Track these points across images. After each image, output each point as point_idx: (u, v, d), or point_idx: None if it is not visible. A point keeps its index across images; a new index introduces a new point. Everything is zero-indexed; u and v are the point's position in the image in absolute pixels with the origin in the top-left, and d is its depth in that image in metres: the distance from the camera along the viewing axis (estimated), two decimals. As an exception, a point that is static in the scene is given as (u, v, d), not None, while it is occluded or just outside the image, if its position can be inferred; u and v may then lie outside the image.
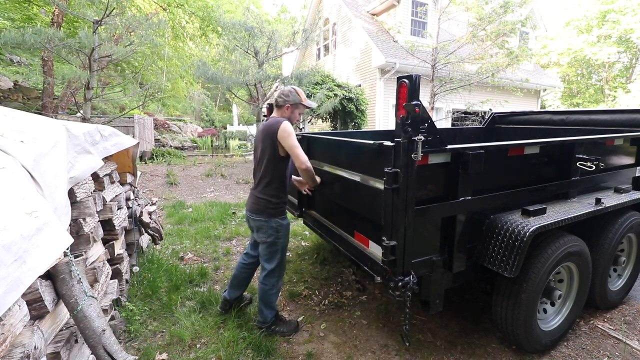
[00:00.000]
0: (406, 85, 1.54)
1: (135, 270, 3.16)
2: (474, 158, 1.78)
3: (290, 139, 2.15)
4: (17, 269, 0.99)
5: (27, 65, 10.40)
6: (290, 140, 2.15)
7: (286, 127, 2.16)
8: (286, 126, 2.16)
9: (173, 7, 12.55)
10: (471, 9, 9.06)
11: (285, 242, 2.41)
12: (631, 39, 19.52)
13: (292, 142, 2.16)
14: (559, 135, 3.83)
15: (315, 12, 14.74)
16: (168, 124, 14.57)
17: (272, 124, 2.20)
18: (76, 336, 1.75)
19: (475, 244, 2.05)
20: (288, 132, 2.14)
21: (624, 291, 2.88)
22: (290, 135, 2.15)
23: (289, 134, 2.15)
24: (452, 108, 11.94)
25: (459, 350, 2.32)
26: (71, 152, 1.82)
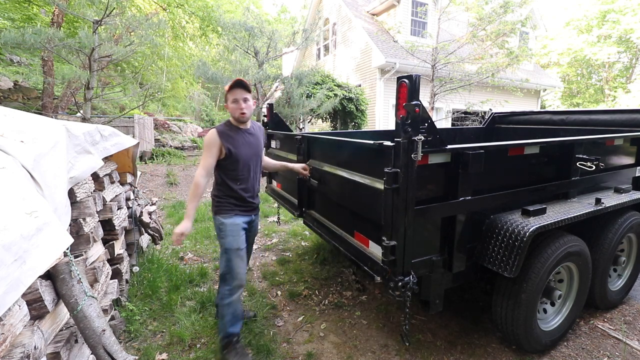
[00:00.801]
0: (406, 85, 1.54)
1: (135, 270, 3.16)
2: (474, 158, 1.78)
3: (203, 149, 2.14)
4: (17, 269, 0.99)
5: (27, 65, 10.39)
6: (203, 150, 2.14)
7: (207, 135, 2.12)
8: (207, 135, 2.13)
9: (173, 7, 12.55)
10: (471, 9, 9.06)
11: (231, 243, 2.16)
12: (631, 39, 19.52)
13: (203, 152, 2.13)
14: (559, 135, 3.83)
15: (315, 12, 14.74)
16: (168, 124, 14.56)
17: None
18: (76, 336, 1.75)
19: (475, 244, 2.05)
20: (205, 140, 2.11)
21: (624, 291, 2.88)
22: (205, 145, 2.11)
23: (205, 144, 2.11)
24: (452, 108, 11.93)
25: (459, 350, 2.32)
26: (71, 152, 1.82)
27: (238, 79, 2.07)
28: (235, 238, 2.17)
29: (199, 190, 2.07)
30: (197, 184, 2.06)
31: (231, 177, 2.18)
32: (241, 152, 2.16)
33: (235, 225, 2.18)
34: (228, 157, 2.11)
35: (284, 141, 3.38)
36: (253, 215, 2.34)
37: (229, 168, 2.16)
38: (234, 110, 2.13)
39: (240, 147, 2.16)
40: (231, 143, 2.12)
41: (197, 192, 2.07)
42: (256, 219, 2.42)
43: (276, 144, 3.56)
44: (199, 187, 2.06)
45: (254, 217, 2.36)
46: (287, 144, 3.29)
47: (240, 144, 2.17)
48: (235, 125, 2.20)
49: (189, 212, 2.07)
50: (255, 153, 2.28)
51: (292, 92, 8.58)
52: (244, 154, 2.18)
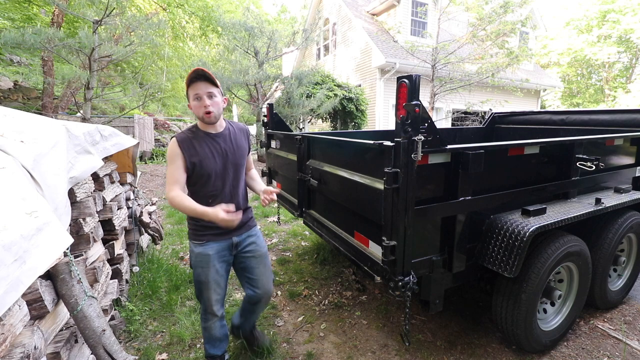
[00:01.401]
0: (406, 85, 1.54)
1: (135, 270, 3.16)
2: (474, 158, 1.78)
3: (167, 163, 1.73)
4: (17, 269, 0.99)
5: (27, 65, 10.39)
6: (167, 164, 1.73)
7: (169, 147, 1.73)
8: (169, 146, 1.73)
9: (173, 7, 12.55)
10: (471, 9, 9.06)
11: (199, 275, 1.84)
12: (631, 39, 19.53)
13: (167, 167, 1.73)
14: (559, 135, 3.83)
15: (315, 12, 14.74)
16: (168, 124, 14.57)
17: None
18: (76, 336, 1.75)
19: (475, 244, 2.05)
20: (167, 153, 1.73)
21: (624, 291, 2.88)
22: (167, 158, 1.73)
23: (167, 156, 1.73)
24: (452, 108, 11.94)
25: (459, 350, 2.32)
26: (71, 152, 1.82)
27: (198, 68, 1.65)
28: (204, 270, 1.82)
29: (181, 198, 1.67)
30: (172, 197, 1.67)
31: (201, 194, 1.77)
32: (209, 165, 1.74)
33: (204, 256, 1.81)
34: (193, 171, 1.72)
35: (284, 141, 3.38)
36: (235, 237, 1.89)
37: (197, 183, 1.77)
38: (197, 109, 1.69)
39: (207, 159, 1.73)
40: (195, 154, 1.71)
41: (181, 198, 1.67)
42: (250, 238, 1.95)
43: (276, 144, 3.57)
44: (176, 197, 1.67)
45: (239, 238, 1.91)
46: (287, 144, 3.29)
47: (208, 154, 1.74)
48: (203, 129, 1.77)
49: (199, 209, 1.65)
50: (233, 162, 1.83)
51: (292, 92, 8.58)
52: (214, 166, 1.76)
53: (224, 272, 1.92)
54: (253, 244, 1.96)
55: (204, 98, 1.67)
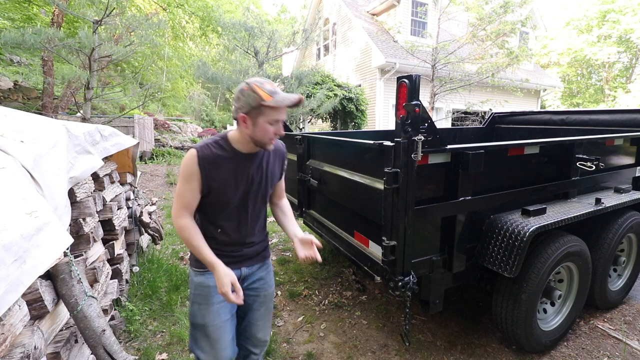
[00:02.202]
0: (406, 85, 1.54)
1: (135, 270, 3.16)
2: (474, 158, 1.78)
3: (179, 177, 1.40)
4: (17, 269, 0.99)
5: (27, 65, 10.39)
6: (178, 178, 1.40)
7: (185, 158, 1.37)
8: (185, 158, 1.36)
9: (173, 7, 12.55)
10: (471, 9, 9.06)
11: (195, 315, 1.47)
12: (631, 39, 19.54)
13: (178, 182, 1.40)
14: (559, 135, 3.83)
15: (315, 12, 14.74)
16: (168, 124, 14.57)
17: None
18: (76, 336, 1.75)
19: (475, 244, 2.05)
20: (182, 166, 1.38)
21: (624, 291, 2.88)
22: (181, 173, 1.38)
23: (181, 171, 1.37)
24: (452, 108, 11.94)
25: (459, 350, 2.32)
26: (71, 152, 1.82)
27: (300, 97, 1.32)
28: (203, 308, 1.44)
29: (191, 232, 1.38)
30: (181, 227, 1.37)
31: (210, 217, 1.45)
32: (228, 193, 1.40)
33: (204, 288, 1.45)
34: (207, 195, 1.39)
35: (284, 141, 3.37)
36: (246, 267, 1.52)
37: (207, 208, 1.43)
38: (265, 132, 1.33)
39: (228, 186, 1.39)
40: (215, 177, 1.36)
41: (190, 232, 1.38)
42: (260, 272, 1.58)
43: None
44: (186, 229, 1.37)
45: (249, 270, 1.54)
46: (287, 144, 3.28)
47: (231, 179, 1.39)
48: (235, 145, 1.40)
49: (207, 257, 1.36)
50: (258, 192, 1.48)
51: (292, 92, 8.58)
52: (233, 196, 1.41)
53: (228, 318, 1.48)
54: (261, 280, 1.59)
55: (280, 124, 1.36)
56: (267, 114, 1.30)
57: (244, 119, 1.32)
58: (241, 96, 1.30)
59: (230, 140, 1.41)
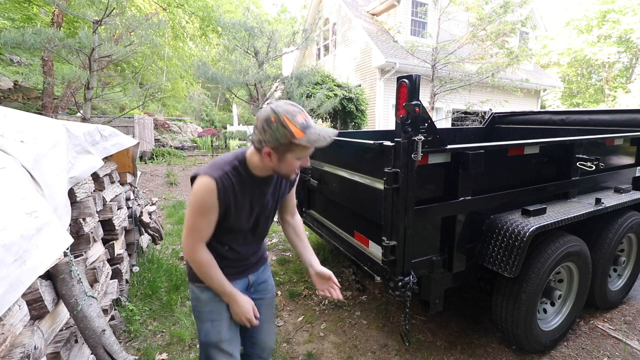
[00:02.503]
0: (406, 85, 1.54)
1: (135, 270, 3.15)
2: (474, 158, 1.78)
3: (190, 208, 1.24)
4: (17, 269, 0.99)
5: (27, 65, 10.39)
6: (189, 209, 1.25)
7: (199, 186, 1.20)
8: (200, 186, 1.20)
9: (173, 7, 12.55)
10: (471, 9, 9.06)
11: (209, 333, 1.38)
12: (631, 39, 19.54)
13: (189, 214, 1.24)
14: (559, 135, 3.83)
15: (315, 12, 14.74)
16: (168, 124, 14.58)
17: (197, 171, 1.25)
18: (76, 336, 1.75)
19: (475, 244, 2.05)
20: (196, 194, 1.21)
21: (624, 291, 2.88)
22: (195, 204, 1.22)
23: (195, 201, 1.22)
24: (452, 108, 11.94)
25: (459, 350, 2.32)
26: (71, 152, 1.82)
27: (334, 132, 1.19)
28: (217, 325, 1.36)
29: (210, 265, 1.29)
30: (200, 262, 1.28)
31: (218, 238, 1.34)
32: (240, 220, 1.32)
33: (216, 302, 1.37)
34: (221, 221, 1.29)
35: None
36: (251, 274, 1.49)
37: (219, 228, 1.31)
38: (292, 168, 1.23)
39: (243, 213, 1.31)
40: (234, 205, 1.26)
41: (211, 267, 1.29)
42: (264, 274, 1.57)
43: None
44: (204, 263, 1.28)
45: (255, 276, 1.52)
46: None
47: (246, 207, 1.31)
48: (252, 170, 1.28)
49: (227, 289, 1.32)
50: (268, 214, 1.44)
51: (292, 92, 8.58)
52: (246, 223, 1.35)
53: (238, 327, 1.45)
54: (264, 282, 1.57)
55: (307, 158, 1.26)
56: (297, 151, 1.17)
57: (268, 154, 1.17)
58: (268, 129, 1.13)
59: (249, 166, 1.27)
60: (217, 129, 17.72)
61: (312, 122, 1.18)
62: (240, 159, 1.28)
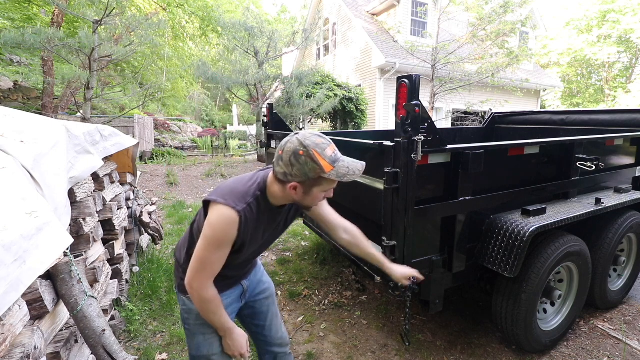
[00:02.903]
0: (406, 85, 1.54)
1: (135, 270, 3.16)
2: (474, 158, 1.78)
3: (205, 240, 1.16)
4: (17, 269, 0.99)
5: (27, 65, 10.40)
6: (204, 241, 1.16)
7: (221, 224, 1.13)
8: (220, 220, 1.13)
9: (173, 7, 12.56)
10: (471, 9, 9.06)
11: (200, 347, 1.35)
12: (631, 39, 19.54)
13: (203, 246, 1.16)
14: (559, 135, 3.83)
15: (315, 12, 14.75)
16: (168, 124, 14.58)
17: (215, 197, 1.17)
18: (76, 336, 1.75)
19: (475, 244, 2.05)
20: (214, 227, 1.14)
21: (624, 291, 2.88)
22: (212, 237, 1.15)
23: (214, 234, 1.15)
24: (452, 108, 11.94)
25: (459, 350, 2.32)
26: (71, 152, 1.82)
27: (363, 165, 1.21)
28: (209, 337, 1.32)
29: (217, 302, 1.24)
30: (209, 299, 1.21)
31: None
32: (250, 249, 1.28)
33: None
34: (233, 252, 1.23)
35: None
36: (244, 281, 1.46)
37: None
38: (317, 200, 1.24)
39: (257, 237, 1.27)
40: (249, 235, 1.22)
41: (217, 304, 1.24)
42: (257, 275, 1.55)
43: (276, 144, 3.57)
44: (213, 301, 1.22)
45: (247, 281, 1.48)
46: (287, 144, 3.29)
47: (258, 237, 1.28)
48: (271, 201, 1.24)
49: (226, 324, 1.28)
50: (274, 239, 1.43)
51: (292, 92, 8.58)
52: (253, 251, 1.34)
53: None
54: (261, 282, 1.55)
55: (331, 191, 1.25)
56: (324, 185, 1.16)
57: (294, 187, 1.13)
58: (296, 163, 1.09)
59: (268, 196, 1.23)
60: (217, 129, 17.74)
61: (340, 154, 1.15)
62: (262, 187, 1.22)
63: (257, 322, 1.55)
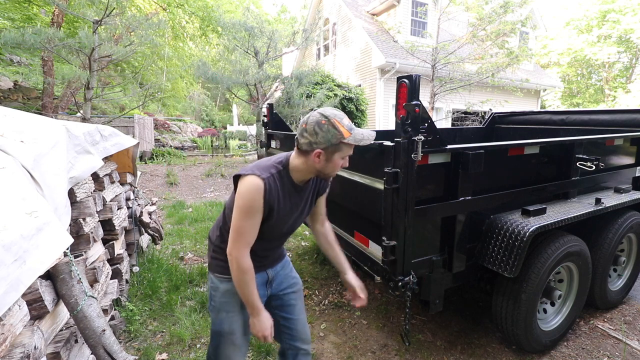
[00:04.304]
0: (406, 85, 1.54)
1: (135, 270, 3.16)
2: (474, 158, 1.78)
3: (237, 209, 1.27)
4: (17, 269, 0.99)
5: (27, 65, 10.39)
6: (237, 210, 1.27)
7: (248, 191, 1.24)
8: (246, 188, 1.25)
9: (173, 7, 12.55)
10: (471, 9, 9.06)
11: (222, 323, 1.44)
12: (631, 39, 19.54)
13: (237, 215, 1.27)
14: (559, 135, 3.83)
15: (315, 12, 14.74)
16: (168, 124, 14.58)
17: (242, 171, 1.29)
18: (76, 336, 1.75)
19: (475, 244, 2.05)
20: (243, 196, 1.25)
21: (624, 291, 2.88)
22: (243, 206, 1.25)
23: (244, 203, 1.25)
24: (452, 108, 11.94)
25: (459, 350, 2.32)
26: (71, 152, 1.82)
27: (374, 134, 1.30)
28: (232, 316, 1.41)
29: (252, 274, 1.32)
30: (245, 269, 1.29)
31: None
32: (279, 228, 1.39)
33: (233, 296, 1.40)
34: (261, 227, 1.32)
35: (284, 141, 3.38)
36: (269, 270, 1.53)
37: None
38: (336, 167, 1.32)
39: (285, 217, 1.37)
40: (277, 210, 1.32)
41: (252, 277, 1.32)
42: (285, 270, 1.61)
43: (276, 144, 3.56)
44: (249, 271, 1.30)
45: (273, 272, 1.55)
46: (287, 144, 3.29)
47: (287, 214, 1.37)
48: (294, 177, 1.35)
49: (256, 302, 1.33)
50: (305, 214, 1.49)
51: (292, 92, 8.58)
52: (281, 230, 1.42)
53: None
54: (289, 276, 1.61)
55: (347, 159, 1.34)
56: (344, 150, 1.28)
57: (318, 155, 1.26)
58: (320, 131, 1.23)
59: (290, 170, 1.34)
60: (217, 129, 17.74)
61: (353, 124, 1.30)
62: (284, 164, 1.34)
63: (285, 315, 1.58)
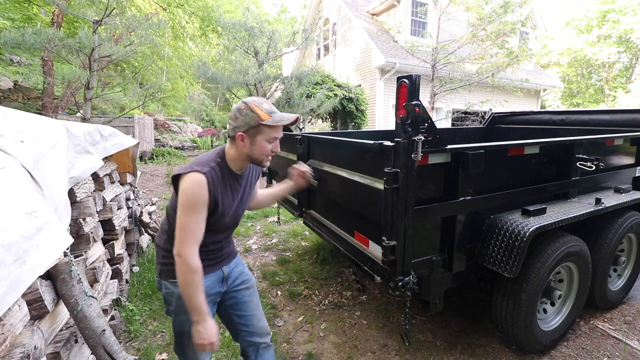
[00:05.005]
0: (406, 85, 1.54)
1: (135, 270, 3.16)
2: (474, 158, 1.78)
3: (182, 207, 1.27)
4: (17, 269, 0.99)
5: (27, 65, 10.39)
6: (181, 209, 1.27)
7: (189, 184, 1.26)
8: (190, 183, 1.26)
9: (173, 7, 12.55)
10: (471, 9, 9.06)
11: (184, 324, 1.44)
12: (631, 39, 19.54)
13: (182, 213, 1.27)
14: (559, 135, 3.83)
15: (315, 12, 14.74)
16: (168, 124, 14.57)
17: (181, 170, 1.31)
18: (76, 336, 1.75)
19: (475, 244, 2.05)
20: (187, 193, 1.26)
21: (624, 291, 2.88)
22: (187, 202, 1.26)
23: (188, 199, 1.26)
24: (452, 108, 11.94)
25: (459, 350, 2.32)
26: (71, 152, 1.83)
27: (296, 116, 1.37)
28: (190, 317, 1.33)
29: (201, 275, 1.30)
30: (194, 268, 1.27)
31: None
32: (226, 213, 1.41)
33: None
34: (208, 219, 1.34)
35: (284, 141, 3.37)
36: (225, 267, 1.54)
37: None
38: (263, 149, 1.36)
39: (229, 205, 1.41)
40: (220, 200, 1.35)
41: (200, 278, 1.30)
42: (238, 267, 1.63)
43: (276, 144, 3.56)
44: (198, 271, 1.29)
45: (228, 269, 1.56)
46: (287, 144, 3.29)
47: (231, 199, 1.42)
48: (231, 167, 1.41)
49: (202, 306, 1.30)
50: (245, 202, 1.55)
51: (292, 92, 8.58)
52: (228, 221, 1.45)
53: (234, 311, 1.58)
54: (243, 273, 1.63)
55: (277, 141, 1.41)
56: (266, 133, 1.34)
57: (242, 138, 1.34)
58: (239, 115, 1.33)
59: (227, 161, 1.40)
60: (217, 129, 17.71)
61: (276, 110, 1.37)
62: (221, 155, 1.40)
63: (240, 313, 1.60)
